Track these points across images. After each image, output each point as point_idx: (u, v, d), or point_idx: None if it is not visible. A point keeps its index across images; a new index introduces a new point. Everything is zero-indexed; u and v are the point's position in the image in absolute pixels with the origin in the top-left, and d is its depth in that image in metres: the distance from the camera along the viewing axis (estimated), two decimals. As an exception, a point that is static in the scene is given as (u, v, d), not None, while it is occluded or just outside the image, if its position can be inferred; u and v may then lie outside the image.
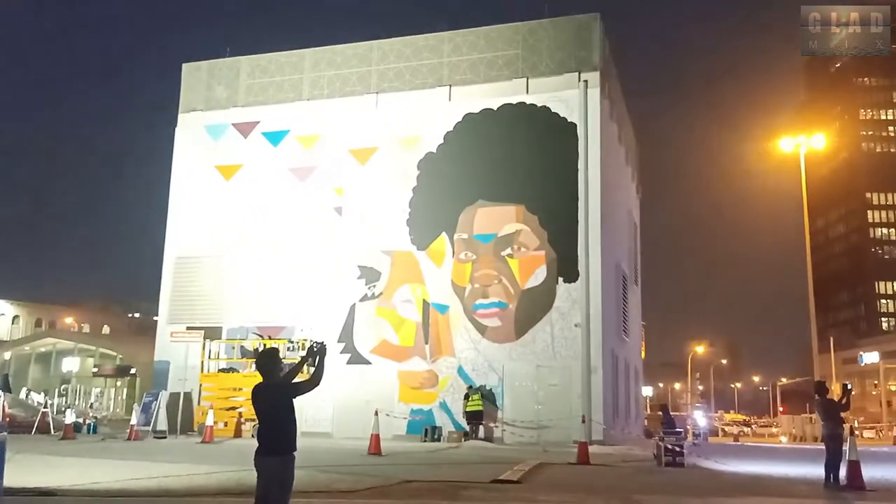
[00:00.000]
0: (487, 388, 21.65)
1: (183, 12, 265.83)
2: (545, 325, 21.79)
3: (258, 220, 25.32)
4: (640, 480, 13.00)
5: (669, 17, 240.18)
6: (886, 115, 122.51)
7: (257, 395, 5.78)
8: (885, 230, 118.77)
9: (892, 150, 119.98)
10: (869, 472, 13.88)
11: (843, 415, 12.70)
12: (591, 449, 16.46)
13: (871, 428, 57.75)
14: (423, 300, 23.04)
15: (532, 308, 22.01)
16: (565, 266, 21.92)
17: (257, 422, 5.86)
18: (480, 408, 20.90)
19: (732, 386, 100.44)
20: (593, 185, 22.19)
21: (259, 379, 5.86)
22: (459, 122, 23.78)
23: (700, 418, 38.18)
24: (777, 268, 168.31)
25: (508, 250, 22.55)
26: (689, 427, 34.17)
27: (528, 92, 23.37)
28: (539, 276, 22.17)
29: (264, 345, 20.44)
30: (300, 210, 25.00)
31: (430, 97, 24.34)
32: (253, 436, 18.38)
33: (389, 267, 23.64)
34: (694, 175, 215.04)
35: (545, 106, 23.04)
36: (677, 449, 15.69)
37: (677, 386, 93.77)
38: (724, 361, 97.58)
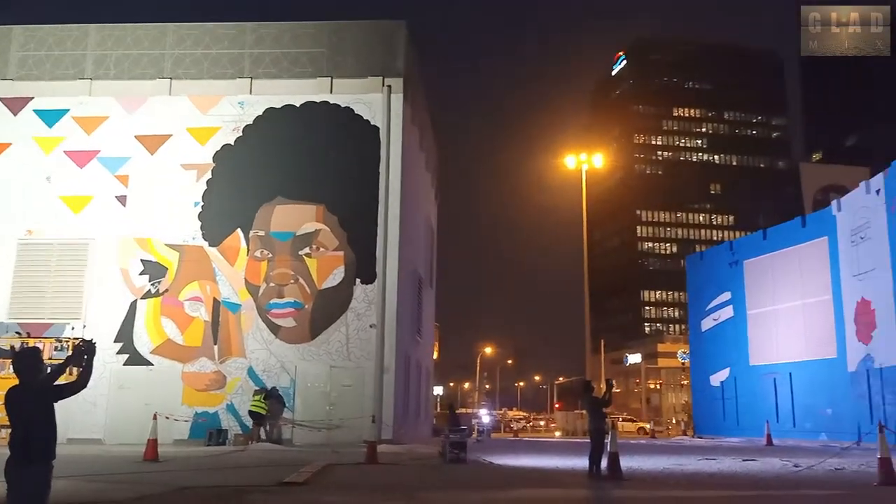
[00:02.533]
0: (278, 389, 21.17)
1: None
2: (341, 326, 21.78)
3: (26, 206, 22.82)
4: (424, 477, 13.40)
5: (475, 33, 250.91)
6: (656, 140, 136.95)
7: (11, 398, 5.23)
8: (651, 244, 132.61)
9: (660, 172, 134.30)
10: (626, 463, 15.44)
11: (606, 410, 13.98)
12: (380, 448, 16.70)
13: (631, 421, 64.09)
14: (214, 298, 22.07)
15: (328, 309, 21.90)
16: (363, 267, 22.07)
17: (11, 428, 5.29)
18: (260, 410, 20.34)
19: (516, 385, 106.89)
20: (393, 188, 22.56)
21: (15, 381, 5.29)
22: (260, 116, 23.11)
23: (485, 416, 40.22)
24: (560, 275, 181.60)
25: (307, 250, 22.27)
26: (474, 424, 35.81)
27: (332, 92, 23.25)
28: (337, 276, 22.12)
29: (25, 344, 18.39)
30: (77, 197, 22.89)
31: (230, 88, 23.41)
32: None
33: (178, 262, 22.37)
34: (491, 184, 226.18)
35: (349, 107, 23.06)
36: (461, 446, 16.36)
37: (467, 385, 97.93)
38: (510, 362, 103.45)
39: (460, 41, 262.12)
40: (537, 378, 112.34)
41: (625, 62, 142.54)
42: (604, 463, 13.03)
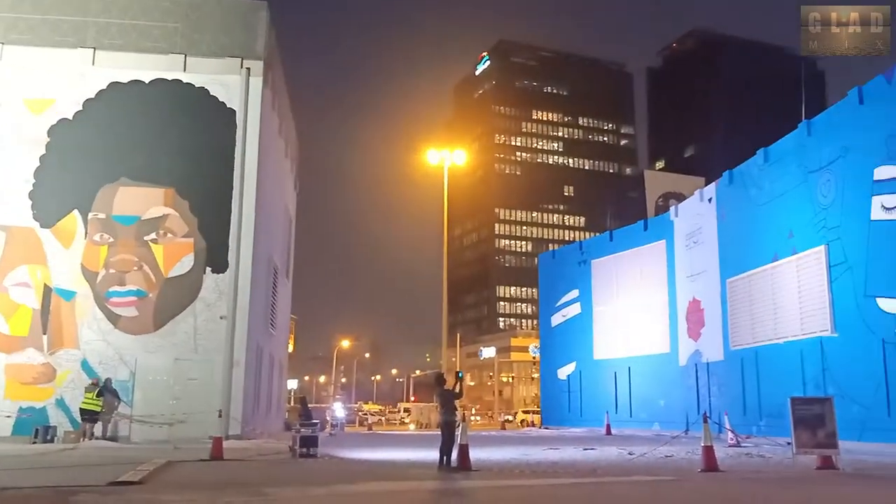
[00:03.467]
0: (113, 381, 19.79)
1: None
2: (188, 317, 20.76)
3: None
4: (271, 473, 13.03)
5: (342, 19, 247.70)
6: (516, 141, 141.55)
7: None
8: (507, 241, 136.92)
9: (518, 172, 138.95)
10: (476, 454, 15.77)
11: (458, 402, 14.19)
12: (227, 444, 16.09)
13: (485, 414, 65.87)
14: (45, 284, 20.35)
15: (175, 298, 20.80)
16: (215, 255, 21.14)
17: None
18: (94, 407, 18.99)
19: (373, 378, 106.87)
20: (249, 174, 21.76)
21: None
22: (104, 90, 21.52)
23: (339, 409, 39.88)
24: (420, 269, 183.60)
25: (153, 235, 21.03)
26: (328, 418, 35.40)
27: (185, 70, 22.05)
28: (185, 264, 21.06)
29: None
30: None
31: (69, 58, 21.60)
32: None
33: (3, 244, 20.42)
34: (354, 176, 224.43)
35: (203, 87, 21.98)
36: (312, 440, 16.09)
37: (322, 379, 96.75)
38: (367, 355, 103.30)
39: (325, 27, 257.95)
40: (394, 372, 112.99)
41: (488, 62, 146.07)
42: (454, 455, 13.22)
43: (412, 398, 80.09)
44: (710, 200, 29.78)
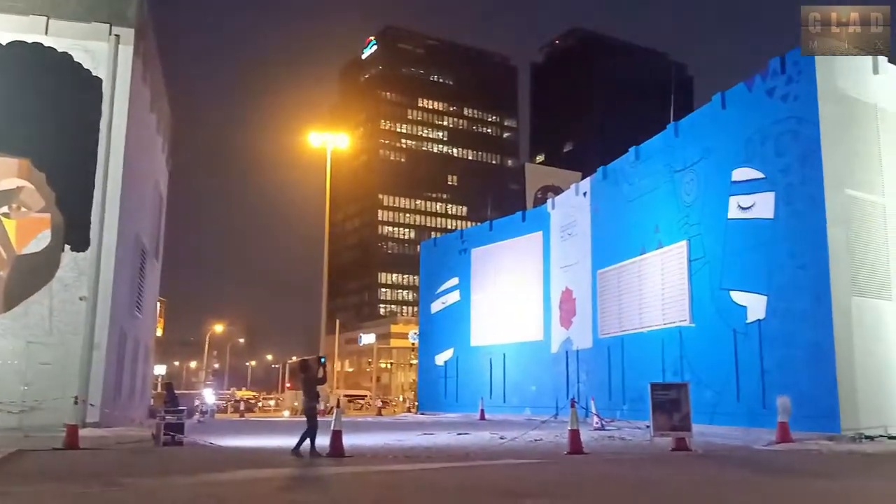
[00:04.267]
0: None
1: None
2: (43, 297, 19.36)
3: None
4: (131, 462, 12.41)
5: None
6: (401, 128, 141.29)
7: None
8: (390, 228, 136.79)
9: (403, 159, 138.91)
10: (351, 440, 15.68)
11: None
12: (84, 432, 15.21)
13: (362, 398, 65.73)
14: None
15: (28, 277, 19.35)
16: (75, 232, 19.80)
17: None
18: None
19: (247, 364, 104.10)
20: (116, 148, 20.48)
21: None
22: (-50, 49, 19.61)
23: (209, 396, 38.46)
24: (301, 254, 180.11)
25: (5, 209, 19.47)
26: (197, 404, 34.15)
27: (47, 33, 20.43)
28: (41, 241, 19.62)
29: None
30: None
31: None
32: None
33: None
34: (233, 156, 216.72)
35: (67, 53, 20.47)
36: (177, 427, 15.46)
37: (193, 364, 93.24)
38: (241, 340, 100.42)
39: (208, 2, 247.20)
40: (270, 357, 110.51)
41: (375, 47, 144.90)
42: (325, 441, 13.09)
43: (287, 384, 78.68)
44: (584, 194, 30.93)
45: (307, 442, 13.05)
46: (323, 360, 14.51)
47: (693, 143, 23.33)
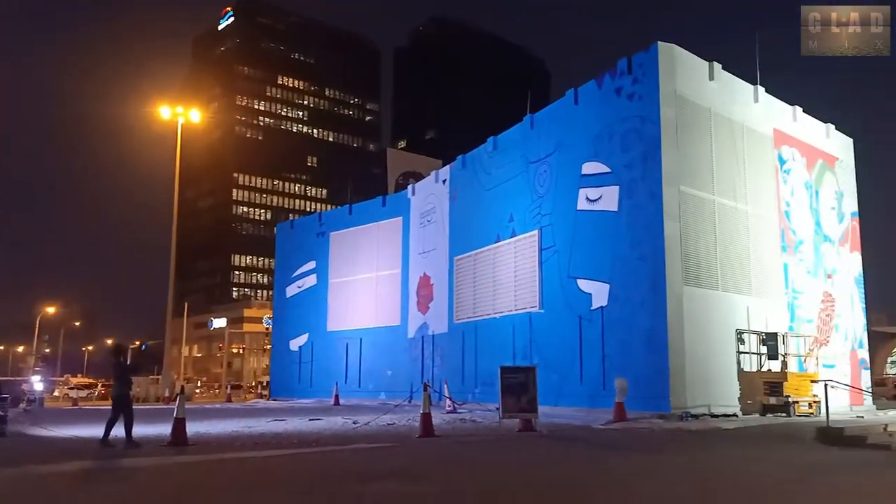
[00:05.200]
0: None
1: None
2: None
3: None
4: (-58, 458, 11.24)
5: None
6: (259, 105, 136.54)
7: None
8: (245, 208, 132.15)
9: (260, 137, 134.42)
10: (196, 428, 15.04)
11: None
12: None
13: (209, 386, 63.45)
14: None
15: None
16: None
17: None
18: None
19: (84, 349, 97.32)
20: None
21: None
22: None
23: (38, 383, 35.56)
24: (148, 234, 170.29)
25: None
26: (24, 391, 31.52)
27: None
28: None
29: None
30: None
31: None
32: None
33: None
34: (70, 125, 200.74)
35: None
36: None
37: (21, 349, 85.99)
38: (77, 323, 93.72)
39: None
40: (110, 342, 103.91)
41: (232, 19, 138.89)
42: (167, 429, 12.48)
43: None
44: (444, 182, 31.36)
45: (108, 428, 12.32)
46: (144, 346, 13.79)
47: (547, 136, 24.24)
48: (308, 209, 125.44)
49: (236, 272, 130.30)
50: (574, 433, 14.80)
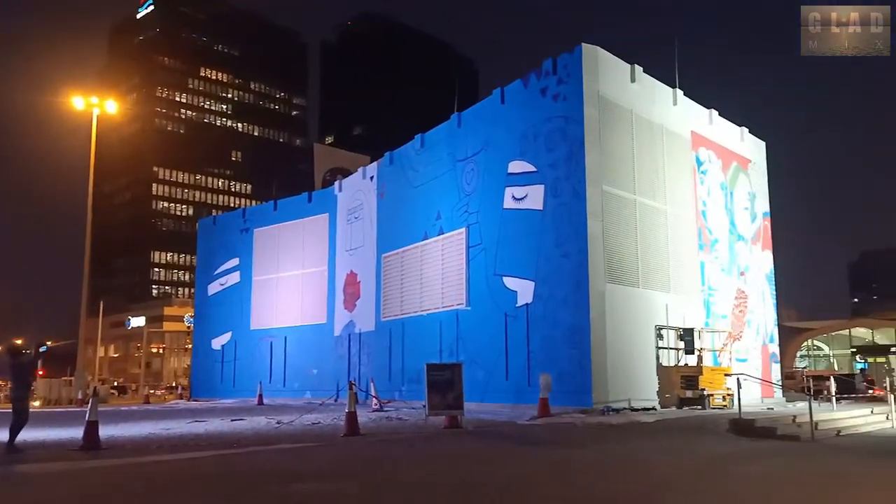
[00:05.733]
0: None
1: None
2: None
3: None
4: None
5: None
6: (181, 97, 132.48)
7: None
8: (166, 204, 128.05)
9: (182, 130, 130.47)
10: (110, 431, 14.48)
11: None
12: None
13: (125, 388, 61.26)
14: None
15: None
16: None
17: None
18: None
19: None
20: None
21: None
22: None
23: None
24: (62, 230, 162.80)
25: None
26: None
27: None
28: None
29: None
30: None
31: None
32: None
33: None
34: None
35: None
36: None
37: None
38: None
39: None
40: (19, 342, 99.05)
41: (152, 7, 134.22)
42: (78, 433, 11.96)
43: (40, 372, 71.09)
44: (371, 178, 31.15)
45: (12, 434, 11.75)
46: (44, 348, 13.16)
47: (474, 135, 24.38)
48: (232, 205, 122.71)
49: (156, 269, 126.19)
50: (499, 429, 14.93)
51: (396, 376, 27.39)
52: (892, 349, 56.82)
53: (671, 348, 21.10)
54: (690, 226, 23.44)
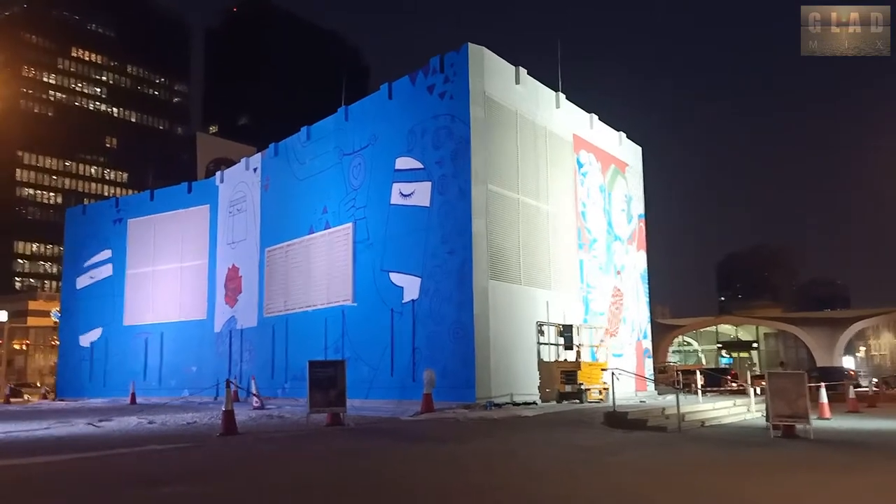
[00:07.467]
0: None
1: None
2: None
3: None
4: None
5: None
6: (49, 78, 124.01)
7: None
8: (31, 191, 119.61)
9: (50, 113, 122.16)
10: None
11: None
12: None
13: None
14: None
15: None
16: None
17: None
18: None
19: None
20: None
21: None
22: None
23: None
24: None
25: None
26: None
27: None
28: None
29: None
30: None
31: None
32: None
33: None
34: None
35: None
36: None
37: None
38: None
39: None
40: None
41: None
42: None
43: None
44: (255, 170, 30.29)
45: None
46: None
47: (362, 129, 24.19)
48: (106, 193, 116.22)
49: (20, 260, 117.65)
50: (381, 426, 14.89)
51: (280, 373, 26.80)
52: (754, 345, 61.18)
53: (552, 344, 21.75)
54: (570, 226, 24.23)
